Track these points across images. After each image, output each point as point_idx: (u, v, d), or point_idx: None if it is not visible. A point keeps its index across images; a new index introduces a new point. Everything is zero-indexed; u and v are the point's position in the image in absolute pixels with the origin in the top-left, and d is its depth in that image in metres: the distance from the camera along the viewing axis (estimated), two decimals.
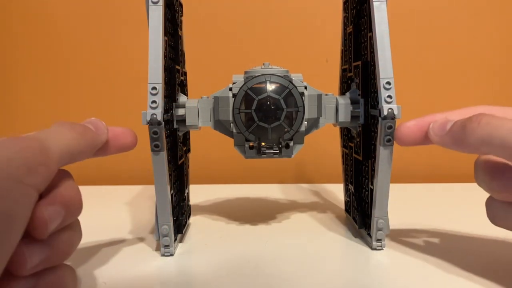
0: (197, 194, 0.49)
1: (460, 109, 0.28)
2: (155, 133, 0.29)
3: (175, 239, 0.33)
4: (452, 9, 0.61)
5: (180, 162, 0.37)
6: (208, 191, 0.53)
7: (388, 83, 0.30)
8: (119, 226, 0.40)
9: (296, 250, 0.33)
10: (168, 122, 0.32)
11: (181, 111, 0.34)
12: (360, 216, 0.35)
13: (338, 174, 0.44)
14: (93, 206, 0.40)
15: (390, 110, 0.30)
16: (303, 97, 0.32)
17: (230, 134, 0.34)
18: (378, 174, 0.31)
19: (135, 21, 0.60)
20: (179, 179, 0.37)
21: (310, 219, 0.41)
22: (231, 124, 0.32)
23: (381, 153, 0.31)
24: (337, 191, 0.52)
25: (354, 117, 0.35)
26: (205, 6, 0.61)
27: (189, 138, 0.41)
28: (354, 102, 0.35)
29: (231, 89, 0.32)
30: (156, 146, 0.30)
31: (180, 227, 0.34)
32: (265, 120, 0.31)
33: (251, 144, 0.33)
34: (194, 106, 0.34)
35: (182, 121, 0.34)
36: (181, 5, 0.39)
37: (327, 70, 0.58)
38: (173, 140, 0.34)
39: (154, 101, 0.30)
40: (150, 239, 0.36)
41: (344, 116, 0.34)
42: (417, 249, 0.33)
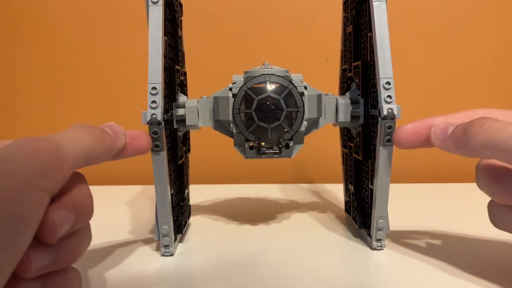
0: (197, 194, 0.49)
1: (460, 112, 0.28)
2: (155, 133, 0.29)
3: (175, 239, 0.33)
4: (452, 9, 0.61)
5: (180, 162, 0.37)
6: (208, 191, 0.53)
7: (388, 83, 0.30)
8: (119, 226, 0.40)
9: (296, 250, 0.33)
10: (168, 122, 0.32)
11: (181, 111, 0.34)
12: (360, 216, 0.35)
13: (338, 174, 0.44)
14: None
15: (390, 110, 0.30)
16: (303, 97, 0.32)
17: (230, 134, 0.34)
18: (378, 174, 0.31)
19: (135, 21, 0.60)
20: (179, 179, 0.37)
21: (310, 219, 0.41)
22: (231, 124, 0.32)
23: (381, 153, 0.31)
24: (337, 191, 0.52)
25: (354, 117, 0.35)
26: (205, 6, 0.61)
27: (189, 138, 0.42)
28: (354, 102, 0.35)
29: (231, 89, 0.32)
30: (156, 146, 0.30)
31: (180, 227, 0.34)
32: (265, 120, 0.31)
33: (251, 144, 0.33)
34: (194, 106, 0.34)
35: (182, 121, 0.34)
36: (181, 5, 0.39)
37: (327, 70, 0.58)
38: (173, 140, 0.34)
39: (154, 101, 0.30)
40: (150, 239, 0.36)
41: (344, 116, 0.34)
42: (417, 249, 0.33)
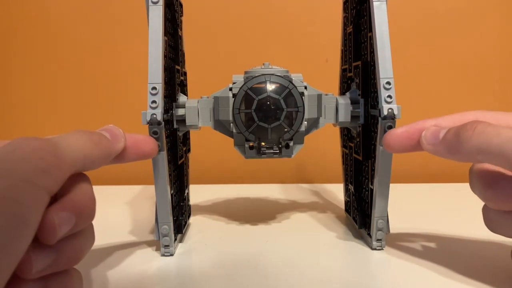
0: (197, 194, 0.49)
1: (451, 115, 0.27)
2: (155, 133, 0.29)
3: (175, 239, 0.33)
4: (452, 9, 0.61)
5: (180, 162, 0.37)
6: (208, 191, 0.53)
7: (388, 83, 0.30)
8: (119, 226, 0.40)
9: (296, 250, 0.33)
10: (168, 122, 0.32)
11: (181, 111, 0.34)
12: (360, 216, 0.35)
13: (338, 174, 0.44)
14: None
15: (390, 110, 0.30)
16: (303, 97, 0.32)
17: (230, 134, 0.34)
18: (378, 174, 0.31)
19: (135, 21, 0.60)
20: (179, 179, 0.37)
21: (310, 219, 0.41)
22: (231, 124, 0.32)
23: (381, 153, 0.31)
24: (337, 191, 0.52)
25: (354, 117, 0.35)
26: (205, 6, 0.61)
27: (189, 138, 0.42)
28: (354, 102, 0.35)
29: (231, 89, 0.32)
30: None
31: (180, 227, 0.34)
32: (265, 120, 0.31)
33: (251, 144, 0.33)
34: (194, 106, 0.34)
35: (182, 121, 0.34)
36: (181, 5, 0.39)
37: (327, 70, 0.58)
38: (173, 140, 0.34)
39: (154, 101, 0.30)
40: (150, 239, 0.36)
41: (344, 116, 0.34)
42: (417, 249, 0.33)
